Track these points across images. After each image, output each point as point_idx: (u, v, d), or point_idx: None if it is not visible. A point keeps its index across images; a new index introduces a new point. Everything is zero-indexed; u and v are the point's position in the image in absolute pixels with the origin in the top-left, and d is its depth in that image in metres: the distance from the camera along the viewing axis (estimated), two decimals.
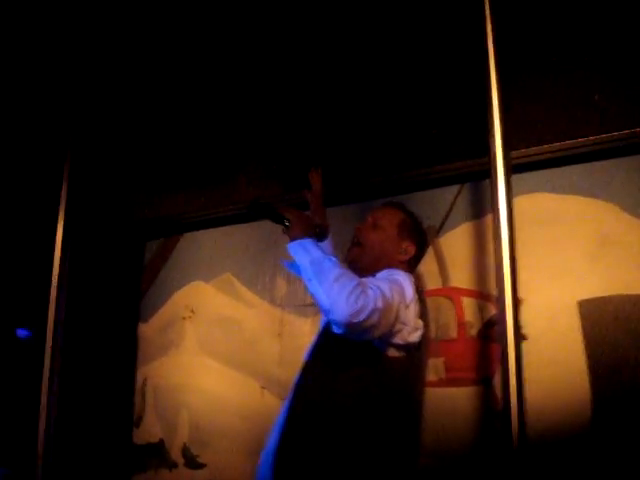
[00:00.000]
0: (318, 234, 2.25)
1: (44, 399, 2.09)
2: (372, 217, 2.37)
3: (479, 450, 2.53)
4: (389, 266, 2.22)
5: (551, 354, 2.47)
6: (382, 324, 1.93)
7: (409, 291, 2.07)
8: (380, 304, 1.90)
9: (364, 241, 2.31)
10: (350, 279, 1.94)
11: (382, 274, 2.17)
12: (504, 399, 1.49)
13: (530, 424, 1.66)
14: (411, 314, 2.05)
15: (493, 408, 2.52)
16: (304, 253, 2.06)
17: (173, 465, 3.33)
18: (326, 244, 2.55)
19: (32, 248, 3.63)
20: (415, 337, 2.06)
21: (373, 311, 1.88)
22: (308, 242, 2.10)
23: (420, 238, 2.36)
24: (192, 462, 3.27)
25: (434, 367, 2.68)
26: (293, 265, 2.19)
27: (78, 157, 2.31)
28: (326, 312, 1.93)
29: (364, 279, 2.01)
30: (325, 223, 2.63)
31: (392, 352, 2.04)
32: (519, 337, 1.49)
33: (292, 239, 2.13)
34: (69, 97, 2.45)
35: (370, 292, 1.91)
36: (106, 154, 3.60)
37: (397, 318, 1.98)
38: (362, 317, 1.86)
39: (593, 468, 2.31)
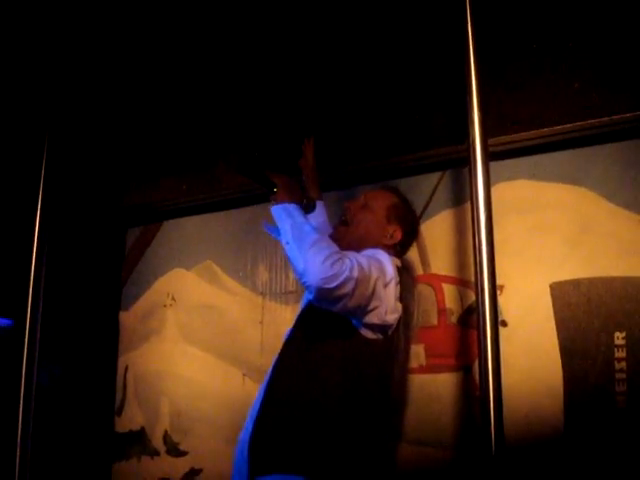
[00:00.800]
0: (306, 205, 2.25)
1: (22, 387, 2.08)
2: (364, 197, 2.37)
3: (459, 435, 2.54)
4: (374, 248, 2.21)
5: (529, 340, 2.48)
6: (356, 295, 1.91)
7: (389, 269, 2.06)
8: (355, 273, 1.89)
9: (351, 219, 2.31)
10: (328, 245, 1.94)
11: (365, 252, 2.14)
12: (481, 385, 1.50)
13: (508, 410, 1.67)
14: (390, 293, 2.04)
15: (473, 394, 2.53)
16: (286, 217, 2.05)
17: (155, 453, 3.33)
18: (317, 216, 2.57)
19: (10, 236, 3.59)
20: (392, 319, 2.06)
21: (347, 279, 1.86)
22: (293, 207, 2.09)
23: (409, 225, 2.36)
24: (174, 449, 3.27)
25: (415, 354, 2.69)
26: (274, 229, 2.18)
27: (56, 143, 2.28)
28: (300, 275, 1.91)
29: (345, 251, 1.99)
30: (318, 195, 2.65)
31: (368, 333, 2.04)
32: (497, 323, 1.50)
33: (277, 202, 2.12)
34: (48, 81, 2.42)
35: (347, 261, 1.90)
36: (86, 140, 3.57)
37: (374, 293, 1.97)
38: (335, 283, 1.84)
39: (568, 451, 2.33)
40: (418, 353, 2.69)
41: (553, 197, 2.56)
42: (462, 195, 2.72)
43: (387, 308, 2.03)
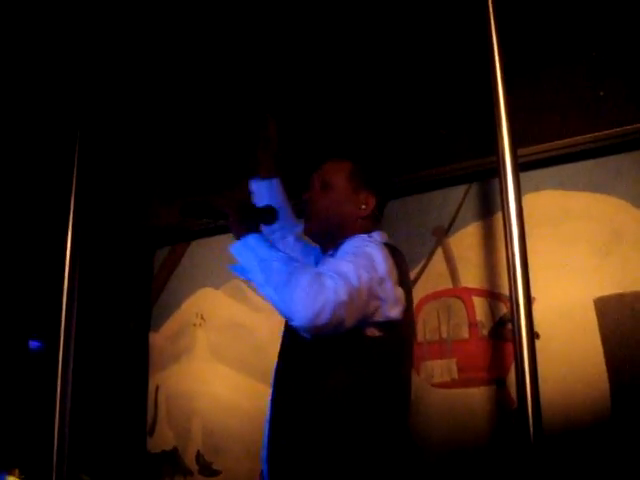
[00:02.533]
0: (266, 217, 1.99)
1: (57, 410, 2.09)
2: (317, 179, 2.07)
3: (494, 450, 2.52)
4: (352, 229, 1.98)
5: (564, 352, 2.45)
6: (351, 315, 1.69)
7: (380, 262, 1.80)
8: (343, 295, 1.65)
9: (316, 210, 2.02)
10: (303, 273, 1.68)
11: (345, 247, 1.89)
12: (519, 398, 1.49)
13: (546, 422, 1.65)
14: (388, 287, 1.79)
15: (507, 407, 2.51)
16: (249, 254, 1.80)
17: (188, 472, 3.33)
18: (273, 198, 2.29)
19: (41, 258, 3.64)
20: (396, 312, 1.82)
21: (337, 305, 1.64)
22: (252, 238, 1.82)
23: (378, 183, 2.06)
24: (207, 469, 3.27)
25: (447, 368, 2.67)
26: (240, 268, 1.87)
27: (86, 166, 2.31)
28: (286, 319, 1.72)
29: (321, 268, 1.76)
30: (272, 173, 2.36)
31: (372, 331, 1.81)
32: (533, 336, 1.48)
33: (236, 237, 1.85)
34: (78, 100, 2.45)
35: (329, 283, 1.66)
36: (115, 163, 3.61)
37: (370, 297, 1.74)
38: (326, 317, 1.63)
39: (611, 465, 2.29)
40: (450, 367, 2.67)
41: (582, 207, 2.54)
42: (489, 207, 2.71)
43: (388, 303, 1.79)
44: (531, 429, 1.47)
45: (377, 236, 1.96)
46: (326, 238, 2.03)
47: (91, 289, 3.28)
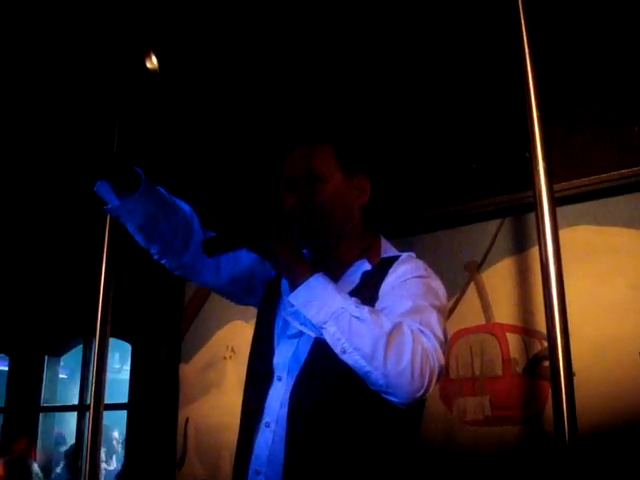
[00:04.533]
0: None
1: (89, 444, 2.10)
2: (297, 173, 1.68)
3: None
4: (353, 223, 1.70)
5: (598, 388, 2.40)
6: (442, 376, 1.47)
7: (443, 297, 1.60)
8: (442, 358, 1.44)
9: (311, 213, 1.64)
10: (401, 337, 1.39)
11: (403, 274, 1.58)
12: (556, 436, 1.45)
13: (584, 460, 1.60)
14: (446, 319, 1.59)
15: (541, 446, 2.46)
16: (320, 307, 1.43)
17: None
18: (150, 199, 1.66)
19: (75, 291, 3.68)
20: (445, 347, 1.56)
21: (440, 371, 1.42)
22: (317, 281, 1.46)
23: (366, 159, 1.79)
24: None
25: (480, 405, 2.63)
26: (301, 317, 1.48)
27: None
28: (380, 391, 1.41)
29: (407, 320, 1.45)
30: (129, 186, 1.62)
31: None
32: (571, 374, 1.45)
33: (291, 284, 1.49)
34: (113, 141, 2.48)
35: (428, 345, 1.42)
36: None
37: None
38: (431, 387, 1.40)
39: None
40: (483, 404, 2.63)
41: (617, 242, 2.51)
42: (522, 242, 2.68)
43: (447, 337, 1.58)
44: (569, 467, 1.43)
45: (414, 255, 1.69)
46: (328, 240, 1.69)
47: (122, 322, 3.30)
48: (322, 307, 1.43)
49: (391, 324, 1.42)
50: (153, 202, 1.67)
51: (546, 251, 1.53)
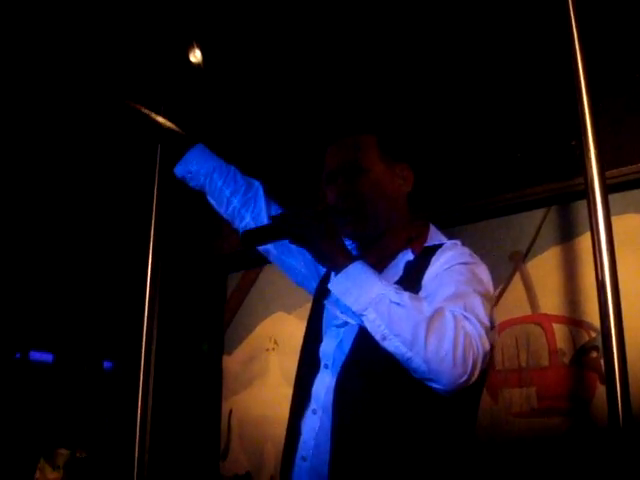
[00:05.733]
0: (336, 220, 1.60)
1: (137, 432, 2.12)
2: (338, 166, 1.71)
3: None
4: (398, 213, 1.71)
5: None
6: (486, 362, 1.45)
7: (489, 283, 1.57)
8: (487, 344, 1.41)
9: (355, 205, 1.67)
10: (443, 321, 1.37)
11: (447, 261, 1.57)
12: (611, 429, 1.43)
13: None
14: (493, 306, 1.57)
15: (590, 438, 2.42)
16: (359, 293, 1.43)
17: None
18: (207, 156, 1.95)
19: (123, 283, 3.73)
20: (495, 336, 1.58)
21: (484, 358, 1.40)
22: (357, 268, 1.46)
23: (408, 148, 1.82)
24: None
25: (526, 397, 2.60)
26: (341, 305, 1.52)
27: (166, 193, 2.37)
28: (423, 378, 1.39)
29: (449, 305, 1.43)
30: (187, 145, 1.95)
31: None
32: (625, 366, 1.43)
33: (331, 267, 1.51)
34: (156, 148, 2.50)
35: (472, 331, 1.39)
36: (189, 192, 3.67)
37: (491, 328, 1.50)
38: (476, 375, 1.38)
39: None
40: (529, 396, 2.60)
41: None
42: (568, 231, 2.64)
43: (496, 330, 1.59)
44: (623, 458, 1.41)
45: (460, 242, 1.69)
46: (373, 231, 1.70)
47: (167, 314, 3.33)
48: (361, 294, 1.43)
49: (432, 309, 1.41)
50: (208, 161, 1.93)
51: (599, 239, 1.50)
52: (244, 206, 1.93)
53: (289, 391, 3.34)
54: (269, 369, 3.45)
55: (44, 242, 3.84)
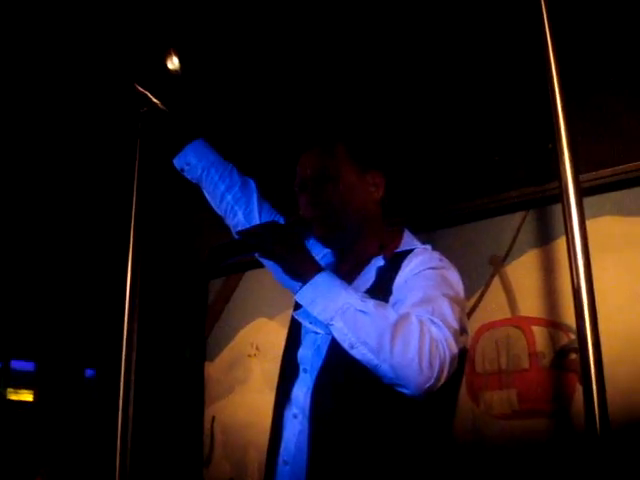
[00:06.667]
0: (305, 231, 1.67)
1: (119, 442, 2.11)
2: (309, 174, 1.72)
3: None
4: (369, 219, 1.72)
5: (628, 381, 2.38)
6: (454, 365, 1.45)
7: (459, 287, 1.58)
8: (454, 347, 1.42)
9: (324, 211, 1.68)
10: (408, 327, 1.38)
11: (416, 266, 1.57)
12: (588, 429, 1.44)
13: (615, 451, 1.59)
14: (465, 314, 1.58)
15: (569, 439, 2.44)
16: (326, 303, 1.45)
17: None
18: (205, 150, 1.99)
19: (102, 293, 3.71)
20: (466, 340, 1.61)
21: (451, 361, 1.40)
22: (323, 279, 1.49)
23: (378, 155, 1.82)
24: None
25: (507, 399, 2.62)
26: (308, 316, 1.57)
27: (145, 197, 2.36)
28: (391, 383, 1.41)
29: (416, 310, 1.44)
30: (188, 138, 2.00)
31: None
32: (601, 367, 1.44)
33: (298, 279, 1.53)
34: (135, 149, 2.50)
35: (438, 335, 1.39)
36: (170, 195, 3.67)
37: (462, 333, 1.53)
38: (443, 378, 1.39)
39: None
40: (510, 398, 2.61)
41: None
42: (547, 235, 2.66)
43: (467, 333, 1.61)
44: (600, 460, 1.42)
45: (430, 247, 1.70)
46: (344, 239, 1.73)
47: (148, 320, 3.32)
48: (328, 304, 1.45)
49: (397, 315, 1.43)
50: (207, 155, 1.98)
51: (574, 242, 1.52)
52: (237, 203, 1.97)
53: (271, 397, 3.32)
54: (251, 375, 3.45)
55: (23, 251, 3.81)
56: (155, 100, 1.97)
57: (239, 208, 1.97)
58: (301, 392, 1.64)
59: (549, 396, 2.55)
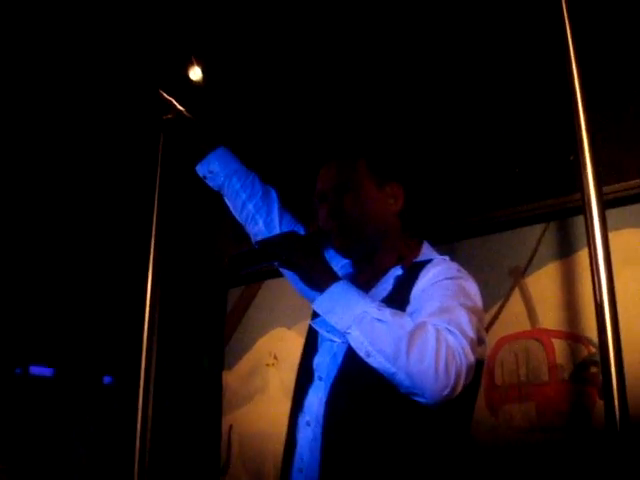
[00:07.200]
0: (323, 241, 1.68)
1: (138, 448, 2.12)
2: (329, 187, 1.74)
3: None
4: (388, 232, 1.73)
5: None
6: (470, 375, 1.45)
7: (477, 297, 1.58)
8: (471, 356, 1.42)
9: (342, 222, 1.69)
10: (424, 336, 1.39)
11: (434, 276, 1.59)
12: (610, 444, 1.43)
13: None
14: (482, 324, 1.59)
15: (589, 454, 2.41)
16: (342, 312, 1.47)
17: None
18: (228, 158, 1.99)
19: (122, 300, 3.73)
20: (485, 350, 1.62)
21: (468, 371, 1.41)
22: (339, 287, 1.51)
23: (401, 171, 1.83)
24: None
25: (526, 412, 2.60)
26: (326, 325, 1.56)
27: (167, 207, 2.37)
28: (407, 392, 1.42)
29: (433, 319, 1.45)
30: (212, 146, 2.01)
31: None
32: (624, 381, 1.43)
33: (316, 288, 1.54)
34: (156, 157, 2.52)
35: (454, 344, 1.40)
36: (191, 205, 3.69)
37: (479, 342, 1.52)
38: (460, 387, 1.39)
39: None
40: (529, 411, 2.59)
41: None
42: (567, 246, 2.65)
43: (485, 343, 1.61)
44: (621, 474, 1.41)
45: (448, 258, 1.71)
46: (362, 250, 1.74)
47: (167, 328, 3.34)
48: (345, 312, 1.47)
49: (413, 324, 1.44)
50: (230, 163, 1.99)
51: (596, 255, 1.51)
52: (258, 212, 1.98)
53: (289, 406, 3.33)
54: (269, 384, 3.45)
55: (43, 256, 3.85)
56: (180, 107, 1.98)
57: (260, 217, 1.98)
58: (315, 400, 1.64)
59: (568, 410, 2.53)
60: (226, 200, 2.05)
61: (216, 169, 2.00)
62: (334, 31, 2.78)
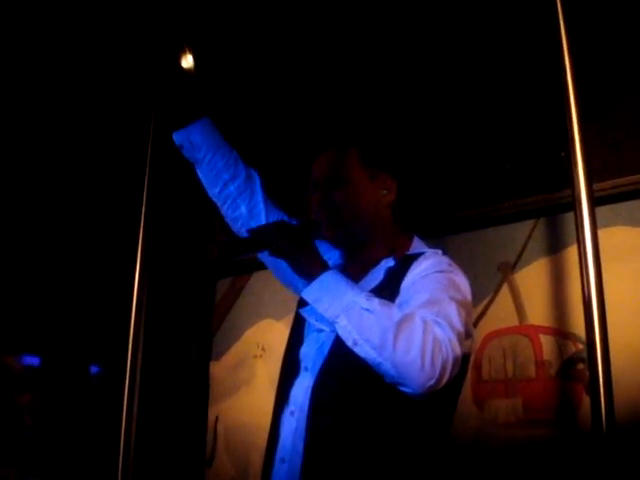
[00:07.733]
0: (314, 231, 1.70)
1: (123, 440, 2.11)
2: (320, 177, 1.75)
3: None
4: (381, 223, 1.75)
5: (637, 392, 2.36)
6: (457, 367, 1.47)
7: (467, 291, 1.60)
8: (457, 349, 1.44)
9: (335, 214, 1.71)
10: (411, 326, 1.40)
11: (425, 269, 1.60)
12: (595, 440, 1.43)
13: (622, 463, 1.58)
14: (471, 319, 1.61)
15: (575, 450, 2.42)
16: (331, 301, 1.47)
17: None
18: (212, 131, 1.91)
19: (109, 289, 3.71)
20: (471, 344, 1.61)
21: (454, 363, 1.43)
22: (330, 277, 1.52)
23: (390, 159, 1.82)
24: None
25: (512, 407, 2.60)
26: (315, 313, 1.57)
27: (155, 197, 2.36)
28: (393, 382, 1.44)
29: (421, 311, 1.46)
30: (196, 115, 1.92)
31: None
32: (610, 377, 1.43)
33: (306, 278, 1.55)
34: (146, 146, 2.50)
35: (441, 336, 1.42)
36: (178, 197, 3.67)
37: (467, 336, 1.54)
38: (445, 379, 1.41)
39: None
40: (516, 407, 2.60)
41: None
42: (557, 243, 2.65)
43: (472, 338, 1.62)
44: (606, 471, 1.41)
45: (441, 252, 1.73)
46: (353, 240, 1.76)
47: (154, 318, 3.32)
48: (333, 301, 1.48)
49: (401, 314, 1.46)
50: (214, 137, 1.90)
51: (585, 252, 1.51)
52: (240, 195, 1.94)
53: None
54: (256, 376, 3.44)
55: (30, 246, 3.82)
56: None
57: (242, 201, 1.94)
58: (300, 390, 1.65)
59: (555, 406, 2.53)
60: (200, 175, 1.96)
61: (197, 140, 1.90)
62: (327, 19, 2.77)
